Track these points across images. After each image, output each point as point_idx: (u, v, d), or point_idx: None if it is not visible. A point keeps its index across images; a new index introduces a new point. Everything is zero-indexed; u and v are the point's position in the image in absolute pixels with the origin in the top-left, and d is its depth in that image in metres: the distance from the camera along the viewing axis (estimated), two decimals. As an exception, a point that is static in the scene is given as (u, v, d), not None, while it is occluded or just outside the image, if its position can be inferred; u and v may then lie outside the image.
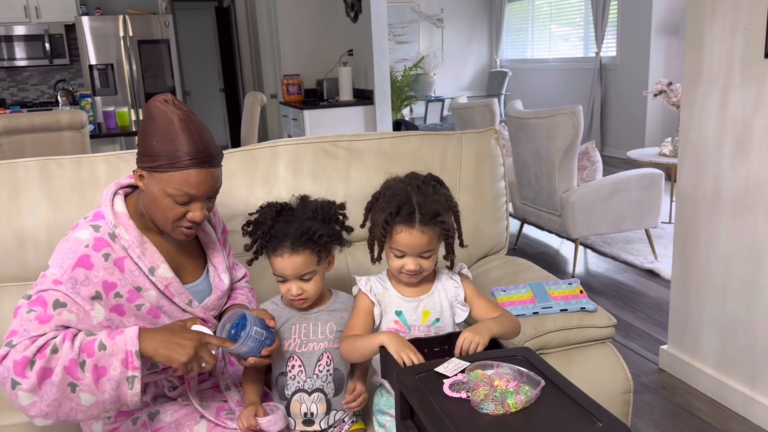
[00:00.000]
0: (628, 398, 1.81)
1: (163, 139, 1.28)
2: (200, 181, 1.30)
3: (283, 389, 1.47)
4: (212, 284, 1.51)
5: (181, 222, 1.34)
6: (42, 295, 1.27)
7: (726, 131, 2.32)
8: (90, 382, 1.22)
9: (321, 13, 6.13)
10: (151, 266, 1.37)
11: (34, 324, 1.23)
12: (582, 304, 1.81)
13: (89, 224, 1.35)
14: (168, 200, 1.31)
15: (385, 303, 1.51)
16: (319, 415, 1.47)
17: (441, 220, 1.40)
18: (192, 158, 1.28)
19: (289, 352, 1.47)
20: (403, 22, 9.21)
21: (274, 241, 1.41)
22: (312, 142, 1.96)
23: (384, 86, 5.49)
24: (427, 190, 1.44)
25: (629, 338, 3.04)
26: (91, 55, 6.70)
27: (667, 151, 4.53)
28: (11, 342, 1.22)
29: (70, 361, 1.21)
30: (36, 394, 1.20)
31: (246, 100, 5.03)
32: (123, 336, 1.25)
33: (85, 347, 1.23)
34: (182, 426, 1.41)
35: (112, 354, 1.23)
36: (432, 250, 1.43)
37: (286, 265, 1.41)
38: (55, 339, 1.22)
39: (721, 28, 2.30)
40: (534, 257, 4.20)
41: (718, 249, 2.41)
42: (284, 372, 1.47)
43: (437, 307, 1.50)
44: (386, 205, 1.42)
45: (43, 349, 1.20)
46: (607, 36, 7.58)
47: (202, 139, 1.30)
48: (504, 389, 1.14)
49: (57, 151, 3.81)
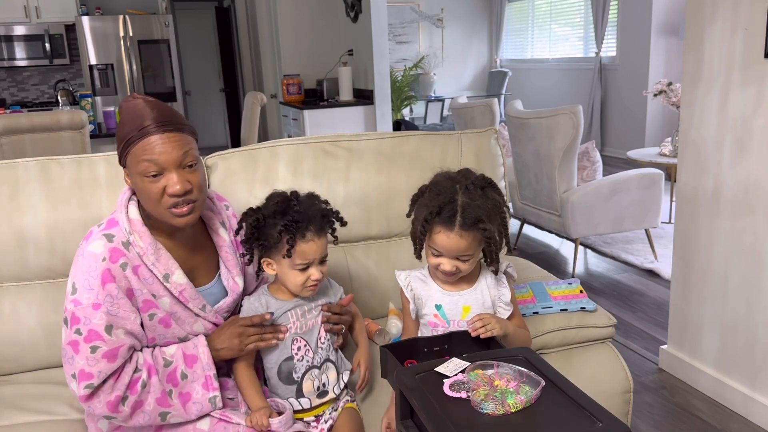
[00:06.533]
0: (628, 398, 1.81)
1: (124, 124, 1.30)
2: (162, 145, 1.28)
3: (291, 373, 1.48)
4: (226, 287, 1.50)
5: (165, 201, 1.30)
6: (92, 329, 1.29)
7: (726, 131, 2.32)
8: (179, 407, 1.37)
9: (321, 13, 6.12)
10: (166, 273, 1.37)
11: (103, 363, 1.29)
12: (582, 304, 1.81)
13: (102, 234, 1.34)
14: (144, 181, 1.29)
15: (424, 296, 1.49)
16: (331, 383, 1.51)
17: (483, 227, 1.34)
18: (145, 126, 1.28)
19: (291, 335, 1.48)
20: (403, 22, 9.21)
21: (302, 225, 1.40)
22: (312, 142, 1.96)
23: (384, 86, 5.49)
24: (475, 192, 1.37)
25: (629, 338, 3.04)
26: (91, 55, 6.70)
27: (667, 151, 4.53)
28: (91, 384, 1.28)
29: (161, 392, 1.34)
30: (127, 422, 1.34)
31: (246, 100, 5.03)
32: (200, 363, 1.39)
33: (170, 378, 1.36)
34: (186, 422, 1.41)
35: (193, 380, 1.38)
36: (471, 255, 1.39)
37: (317, 249, 1.42)
38: (142, 374, 1.33)
39: (721, 28, 2.30)
40: (534, 257, 4.20)
41: (718, 249, 2.41)
42: (290, 357, 1.48)
43: (479, 303, 1.47)
44: (429, 202, 1.38)
45: (134, 385, 1.31)
46: (607, 36, 7.58)
47: (160, 109, 1.30)
48: (504, 389, 1.14)
49: (57, 151, 3.80)
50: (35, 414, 1.56)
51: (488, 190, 1.40)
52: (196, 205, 1.34)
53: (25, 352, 1.73)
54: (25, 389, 1.66)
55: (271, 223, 1.41)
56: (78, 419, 1.55)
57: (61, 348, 1.46)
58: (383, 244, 2.03)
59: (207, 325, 1.45)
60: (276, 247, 1.42)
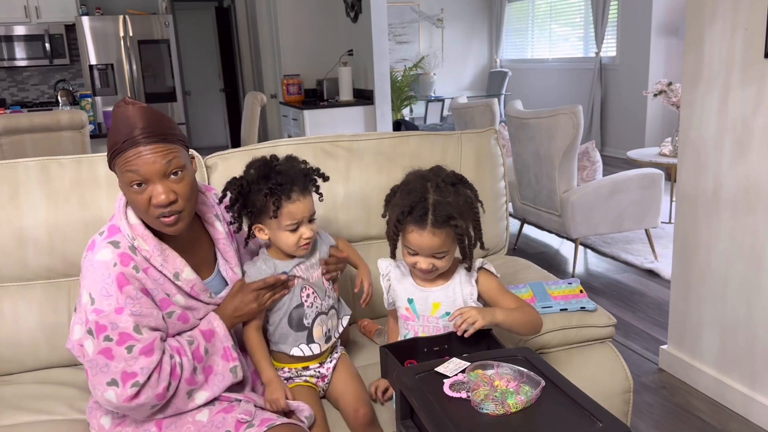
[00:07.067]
0: (628, 398, 1.81)
1: (115, 129, 1.30)
2: (142, 157, 1.27)
3: (302, 319, 1.53)
4: (226, 278, 1.52)
5: (152, 211, 1.30)
6: (121, 331, 1.29)
7: (726, 131, 2.32)
8: (203, 382, 1.39)
9: (321, 13, 6.12)
10: (175, 271, 1.38)
11: (143, 360, 1.30)
12: (582, 304, 1.81)
13: (107, 242, 1.34)
14: (130, 191, 1.30)
15: (399, 289, 1.52)
16: (333, 328, 1.60)
17: (455, 224, 1.35)
18: (137, 135, 1.27)
19: (300, 284, 1.53)
20: (403, 22, 9.21)
21: (286, 187, 1.42)
22: (312, 142, 1.96)
23: (384, 86, 5.49)
24: (446, 189, 1.37)
25: (629, 338, 3.04)
26: (91, 55, 6.70)
27: (667, 151, 4.53)
28: (137, 382, 1.29)
29: (190, 372, 1.37)
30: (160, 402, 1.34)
31: (246, 100, 5.03)
32: (217, 336, 1.43)
33: (195, 356, 1.38)
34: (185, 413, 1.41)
35: (213, 353, 1.41)
36: (446, 251, 1.40)
37: (304, 208, 1.45)
38: (176, 358, 1.35)
39: (721, 28, 2.30)
40: (534, 257, 4.20)
41: (718, 249, 2.41)
42: (300, 304, 1.53)
43: (449, 301, 1.47)
44: (401, 202, 1.39)
45: (174, 370, 1.34)
46: (607, 36, 7.58)
47: (146, 119, 1.29)
48: (504, 389, 1.14)
49: (57, 151, 3.80)
50: (35, 414, 1.56)
51: (460, 186, 1.41)
52: (182, 215, 1.33)
53: (25, 352, 1.73)
54: (25, 389, 1.66)
55: (256, 189, 1.43)
56: (78, 419, 1.55)
57: (61, 349, 1.47)
58: (383, 244, 2.00)
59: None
60: (264, 211, 1.44)
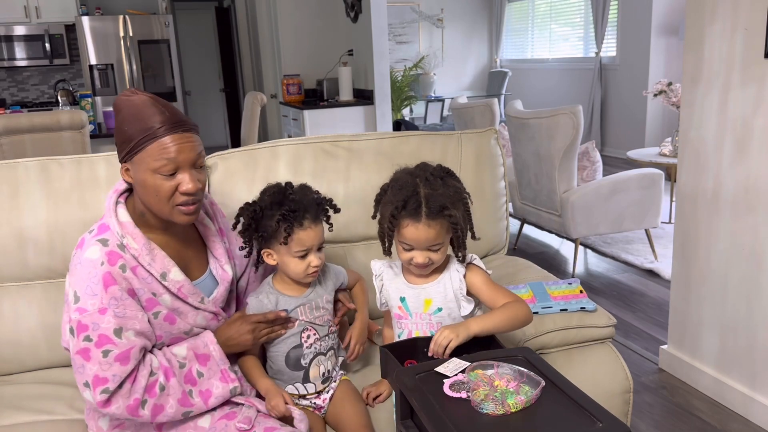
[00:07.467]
0: (628, 398, 1.81)
1: (133, 121, 1.31)
2: (178, 144, 1.30)
3: (299, 360, 1.54)
4: (216, 276, 1.51)
5: (176, 198, 1.33)
6: (102, 333, 1.29)
7: (726, 131, 2.32)
8: (201, 404, 1.38)
9: (321, 13, 6.12)
10: (163, 271, 1.37)
11: (117, 367, 1.28)
12: (582, 304, 1.81)
13: (96, 240, 1.34)
14: (156, 177, 1.31)
15: (391, 288, 1.53)
16: (331, 369, 1.60)
17: (448, 214, 1.38)
18: (163, 125, 1.30)
19: (301, 324, 1.53)
20: (403, 22, 9.21)
21: (298, 214, 1.44)
22: (312, 142, 1.96)
23: (384, 86, 5.49)
24: (436, 182, 1.41)
25: (629, 338, 3.04)
26: (91, 55, 6.70)
27: (667, 151, 4.53)
28: (107, 389, 1.27)
29: (181, 393, 1.35)
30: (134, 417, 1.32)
31: (246, 100, 5.03)
32: (213, 360, 1.42)
33: (187, 379, 1.37)
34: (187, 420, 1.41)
35: (210, 377, 1.40)
36: (441, 243, 1.42)
37: (314, 236, 1.47)
38: (158, 377, 1.33)
39: (721, 28, 2.30)
40: (534, 257, 4.20)
41: (718, 249, 2.41)
42: (299, 345, 1.53)
43: (440, 297, 1.48)
44: (393, 198, 1.41)
45: (152, 388, 1.31)
46: (607, 36, 7.58)
47: (170, 109, 1.33)
48: (504, 389, 1.14)
49: (57, 151, 3.80)
50: (35, 414, 1.56)
51: (447, 178, 1.45)
52: (199, 205, 1.38)
53: (25, 352, 1.73)
54: (25, 389, 1.66)
55: (269, 214, 1.46)
56: (78, 419, 1.55)
57: (61, 349, 1.47)
58: (383, 244, 2.02)
59: (207, 316, 1.47)
60: (275, 236, 1.46)
